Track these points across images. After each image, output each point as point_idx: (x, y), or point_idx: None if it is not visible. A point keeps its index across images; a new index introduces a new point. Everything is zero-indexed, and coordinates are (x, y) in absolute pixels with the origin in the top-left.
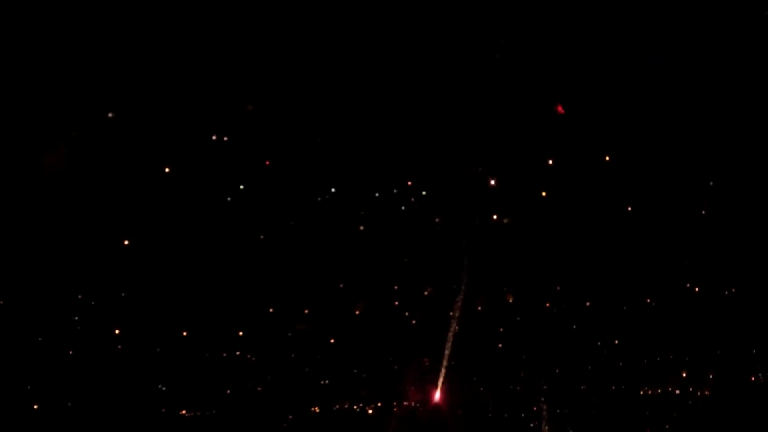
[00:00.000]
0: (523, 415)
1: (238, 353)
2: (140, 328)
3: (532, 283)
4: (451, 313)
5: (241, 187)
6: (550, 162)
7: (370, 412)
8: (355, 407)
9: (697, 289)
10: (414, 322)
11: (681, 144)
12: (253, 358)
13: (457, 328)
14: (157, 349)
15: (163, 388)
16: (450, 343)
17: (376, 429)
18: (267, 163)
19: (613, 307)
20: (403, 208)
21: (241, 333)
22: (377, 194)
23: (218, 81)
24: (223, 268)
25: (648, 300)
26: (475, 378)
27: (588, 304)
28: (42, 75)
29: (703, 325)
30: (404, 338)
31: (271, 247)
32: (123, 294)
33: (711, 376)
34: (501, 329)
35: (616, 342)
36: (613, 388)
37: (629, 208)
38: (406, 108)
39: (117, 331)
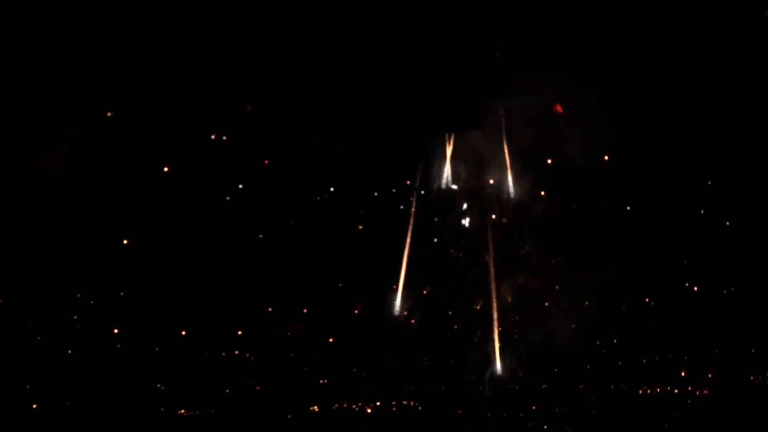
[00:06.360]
0: (522, 414)
1: (237, 353)
2: (139, 327)
3: (532, 283)
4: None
5: (240, 186)
6: (550, 162)
7: (369, 411)
8: (354, 407)
9: (696, 289)
10: (413, 321)
11: (681, 144)
12: (253, 358)
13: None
14: (157, 349)
15: (163, 388)
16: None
17: (375, 428)
18: (266, 162)
19: (613, 306)
20: (402, 207)
21: (240, 333)
22: (376, 194)
23: (218, 81)
24: (223, 268)
25: (648, 300)
26: (475, 378)
27: (588, 303)
28: (42, 75)
29: (703, 325)
30: (403, 338)
31: (270, 246)
32: (122, 294)
33: (710, 376)
34: (501, 329)
35: (616, 342)
36: (613, 387)
37: (628, 208)
38: (405, 109)
39: (116, 331)
